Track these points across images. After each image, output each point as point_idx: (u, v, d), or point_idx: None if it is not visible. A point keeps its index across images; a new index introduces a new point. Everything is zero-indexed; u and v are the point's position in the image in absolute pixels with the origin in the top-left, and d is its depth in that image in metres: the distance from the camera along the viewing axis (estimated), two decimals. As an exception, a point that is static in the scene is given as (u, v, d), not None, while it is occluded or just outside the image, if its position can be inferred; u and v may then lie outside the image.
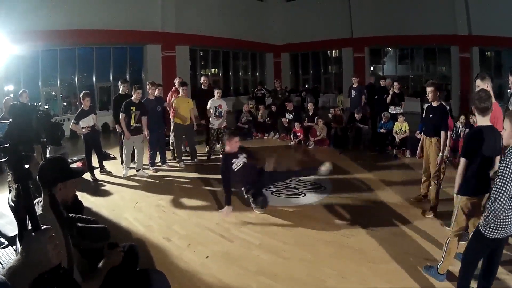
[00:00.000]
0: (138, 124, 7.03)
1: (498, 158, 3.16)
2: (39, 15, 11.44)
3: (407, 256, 3.79)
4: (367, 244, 4.14)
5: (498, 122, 3.85)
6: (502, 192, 2.43)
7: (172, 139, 8.36)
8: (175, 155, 8.24)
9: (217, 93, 8.39)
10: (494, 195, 2.48)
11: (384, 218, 4.86)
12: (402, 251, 3.91)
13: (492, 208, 2.49)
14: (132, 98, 6.99)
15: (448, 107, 5.99)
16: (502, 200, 2.43)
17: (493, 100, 3.99)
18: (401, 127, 8.65)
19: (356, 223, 4.70)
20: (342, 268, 3.63)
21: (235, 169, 5.18)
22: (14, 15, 10.74)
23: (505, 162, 2.47)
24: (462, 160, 3.24)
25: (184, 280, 3.50)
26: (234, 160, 5.22)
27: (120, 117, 6.96)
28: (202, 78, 9.69)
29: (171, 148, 8.51)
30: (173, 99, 8.09)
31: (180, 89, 8.00)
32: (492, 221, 2.59)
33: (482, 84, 4.12)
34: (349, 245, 4.13)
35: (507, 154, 2.52)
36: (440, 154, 4.87)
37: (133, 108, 6.92)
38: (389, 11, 17.48)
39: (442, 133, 4.85)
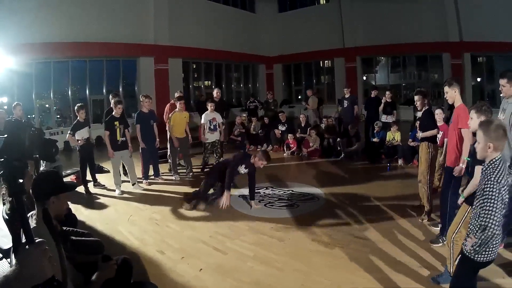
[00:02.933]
0: (123, 138, 6.99)
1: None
2: (33, 28, 11.53)
3: (401, 264, 3.80)
4: (361, 253, 4.15)
5: (460, 121, 3.89)
6: (493, 218, 2.23)
7: (169, 150, 8.28)
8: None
9: (210, 106, 8.19)
10: (485, 223, 2.26)
11: (378, 227, 4.88)
12: (396, 259, 3.93)
13: (484, 238, 2.28)
14: (114, 113, 6.96)
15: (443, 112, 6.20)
16: (494, 227, 2.24)
17: (460, 102, 4.07)
18: (394, 136, 8.71)
19: (350, 233, 4.73)
20: (336, 278, 3.63)
21: (242, 173, 6.05)
22: (7, 28, 10.80)
23: (489, 185, 2.30)
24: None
25: (178, 292, 3.48)
26: (243, 168, 6.00)
27: (104, 134, 6.92)
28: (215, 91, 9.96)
29: (169, 160, 8.31)
30: (170, 114, 7.93)
31: (177, 104, 7.93)
32: (483, 248, 2.35)
33: (450, 90, 4.08)
34: (343, 254, 4.14)
35: (485, 173, 2.39)
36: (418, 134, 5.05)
37: (116, 123, 6.88)
38: (380, 21, 17.75)
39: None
